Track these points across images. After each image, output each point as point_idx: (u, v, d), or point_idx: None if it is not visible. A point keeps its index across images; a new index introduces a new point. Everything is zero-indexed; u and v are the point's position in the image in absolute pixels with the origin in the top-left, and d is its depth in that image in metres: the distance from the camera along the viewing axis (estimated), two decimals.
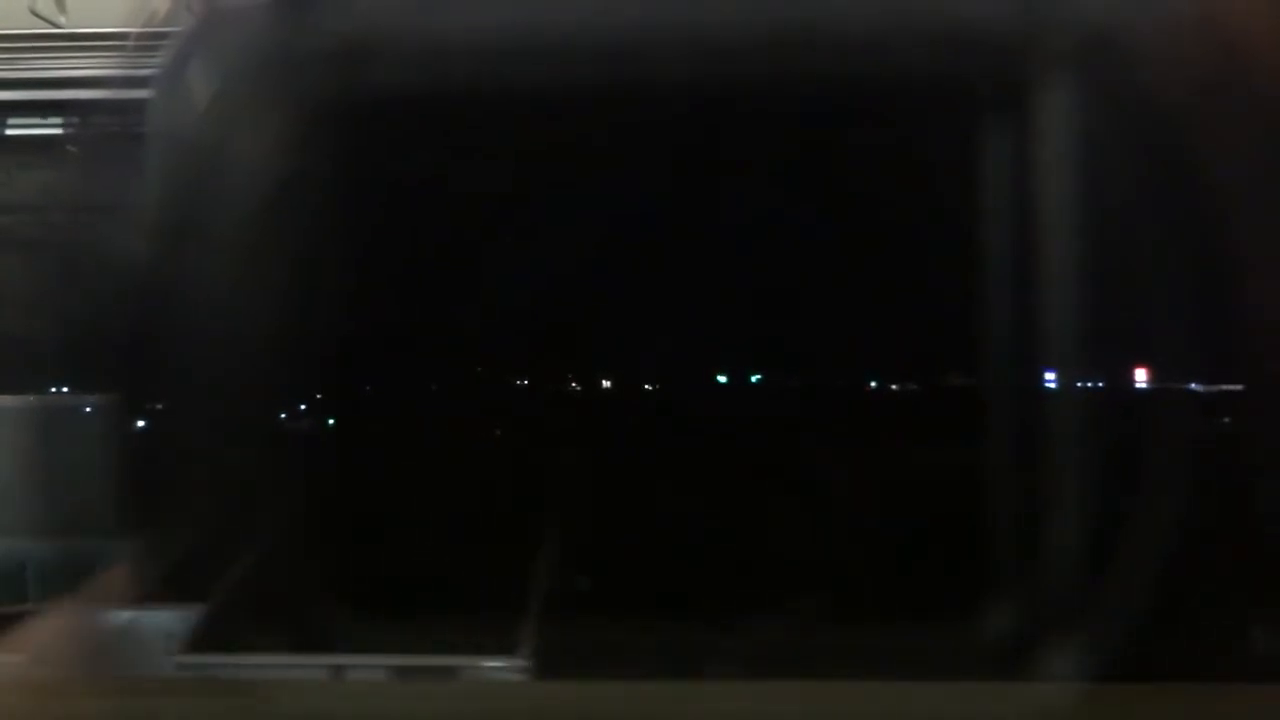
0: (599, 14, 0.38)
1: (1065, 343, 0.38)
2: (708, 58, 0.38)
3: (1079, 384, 0.37)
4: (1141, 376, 0.37)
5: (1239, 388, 0.36)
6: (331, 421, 0.45)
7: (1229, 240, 0.35)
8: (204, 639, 0.38)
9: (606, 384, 0.45)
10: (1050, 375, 0.37)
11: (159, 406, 0.38)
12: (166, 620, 0.40)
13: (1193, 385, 0.36)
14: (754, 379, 0.44)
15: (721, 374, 0.44)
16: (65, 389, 0.41)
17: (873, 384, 0.44)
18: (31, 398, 0.40)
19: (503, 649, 0.40)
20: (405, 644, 0.39)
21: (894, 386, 0.44)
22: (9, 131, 1.41)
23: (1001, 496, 0.40)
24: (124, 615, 0.40)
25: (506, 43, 0.38)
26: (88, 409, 0.39)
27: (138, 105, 0.40)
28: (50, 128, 1.35)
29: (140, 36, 0.43)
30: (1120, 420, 0.37)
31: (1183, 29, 0.36)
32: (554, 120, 0.39)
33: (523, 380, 0.45)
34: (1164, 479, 0.35)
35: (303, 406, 0.43)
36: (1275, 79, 0.38)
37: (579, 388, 0.45)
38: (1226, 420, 0.36)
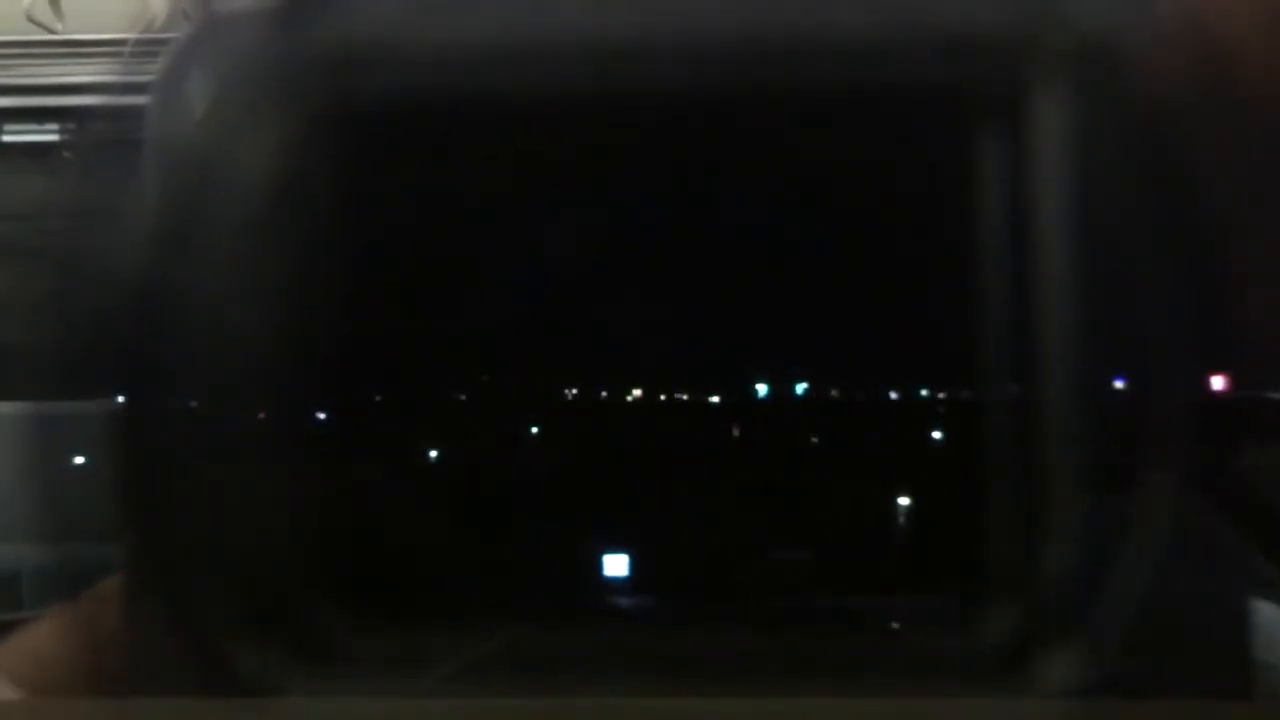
0: (597, 20, 0.38)
1: (1066, 347, 0.38)
2: (706, 63, 0.38)
3: (1078, 389, 0.37)
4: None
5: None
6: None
7: (1232, 243, 0.35)
8: None
9: (637, 393, 0.45)
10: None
11: (155, 412, 0.38)
12: None
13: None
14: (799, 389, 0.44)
15: (762, 383, 0.44)
16: (62, 395, 0.41)
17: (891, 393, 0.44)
18: (28, 404, 0.41)
19: None
20: None
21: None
22: (5, 138, 1.41)
23: (1002, 501, 0.40)
24: None
25: (506, 49, 0.38)
26: (84, 416, 0.39)
27: (135, 112, 0.40)
28: (47, 134, 1.35)
29: (137, 43, 0.43)
30: (1122, 424, 0.37)
31: (1183, 33, 0.36)
32: (560, 126, 0.39)
33: (568, 390, 0.45)
34: (1163, 484, 0.36)
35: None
36: (1274, 82, 0.38)
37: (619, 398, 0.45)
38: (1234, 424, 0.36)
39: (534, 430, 0.44)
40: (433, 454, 0.44)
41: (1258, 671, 0.37)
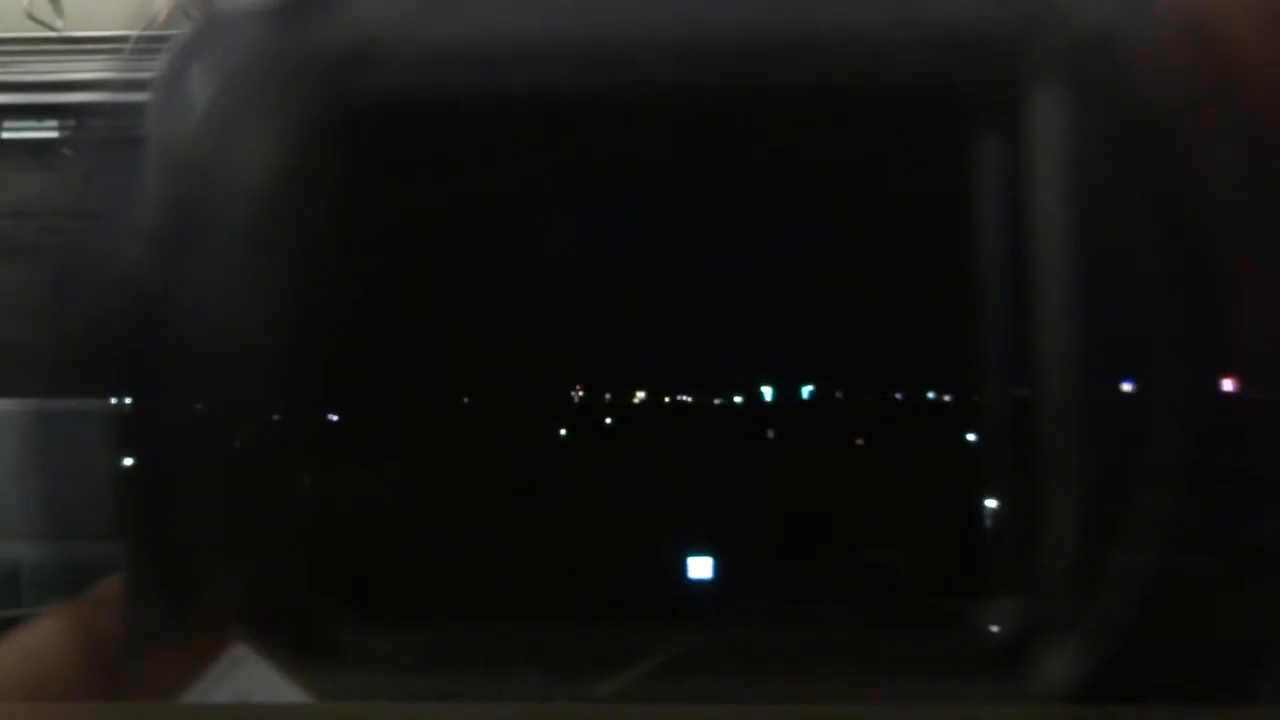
0: (596, 20, 0.38)
1: (1063, 349, 0.38)
2: (707, 63, 0.38)
3: (1079, 389, 0.37)
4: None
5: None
6: None
7: (1230, 245, 0.35)
8: None
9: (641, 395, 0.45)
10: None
11: (157, 410, 0.38)
12: None
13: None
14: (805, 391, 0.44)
15: (767, 386, 0.44)
16: (62, 393, 0.41)
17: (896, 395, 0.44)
18: (28, 402, 0.41)
19: None
20: None
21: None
22: (5, 135, 1.41)
23: (1000, 501, 0.40)
24: None
25: (508, 47, 0.38)
26: (85, 414, 0.39)
27: (135, 109, 0.40)
28: (47, 131, 1.35)
29: (138, 40, 0.43)
30: (1121, 424, 0.37)
31: (1182, 32, 0.36)
32: (561, 125, 0.39)
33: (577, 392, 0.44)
34: (1163, 483, 0.36)
35: None
36: (1272, 84, 0.38)
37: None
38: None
39: (561, 432, 0.44)
40: (444, 455, 0.43)
41: None
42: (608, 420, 0.43)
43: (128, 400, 0.38)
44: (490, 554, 0.41)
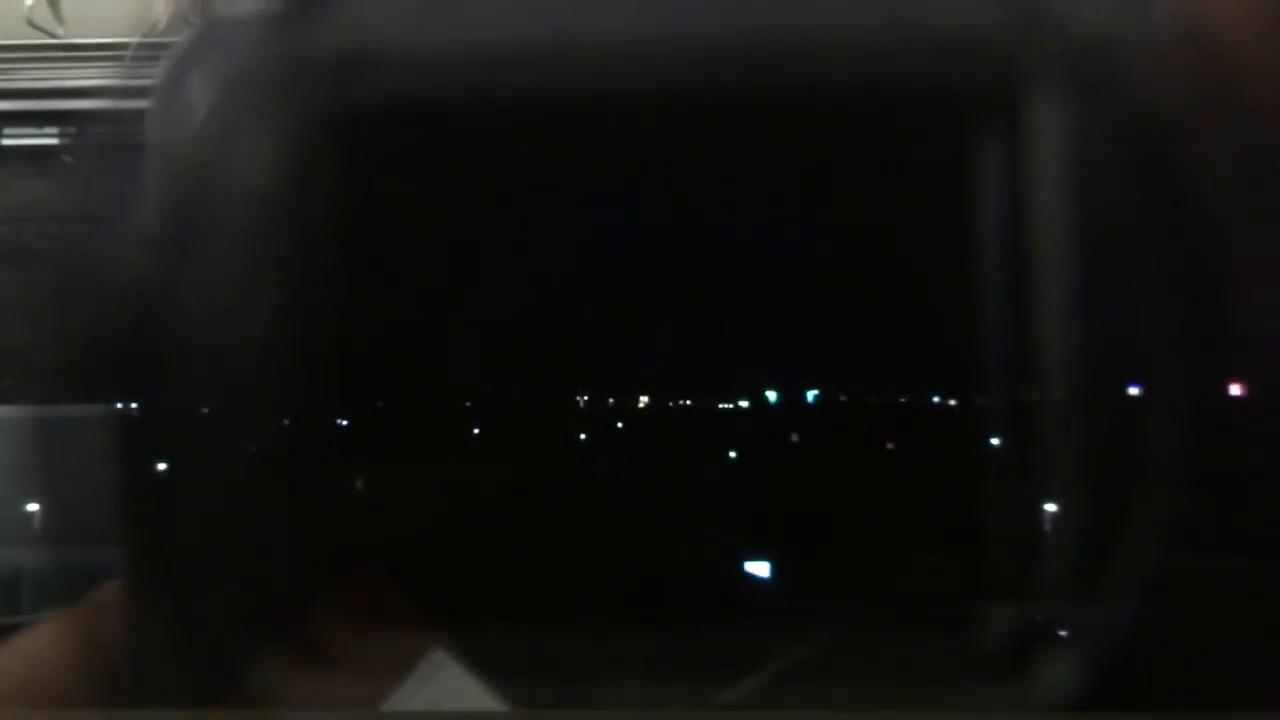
0: (596, 24, 0.38)
1: (1063, 352, 0.38)
2: (707, 66, 0.38)
3: (1080, 391, 0.37)
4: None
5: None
6: None
7: (1230, 245, 0.35)
8: None
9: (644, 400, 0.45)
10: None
11: (158, 416, 0.38)
12: None
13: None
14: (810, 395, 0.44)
15: (771, 390, 0.44)
16: (64, 399, 0.41)
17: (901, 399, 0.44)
18: (30, 408, 0.41)
19: None
20: None
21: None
22: (6, 142, 1.41)
23: (1001, 504, 0.40)
24: None
25: (509, 52, 0.38)
26: (86, 419, 0.39)
27: (136, 116, 0.40)
28: (47, 138, 1.35)
29: (138, 47, 0.43)
30: (1123, 424, 0.37)
31: (1182, 34, 0.36)
32: (563, 129, 0.39)
33: (580, 396, 0.44)
34: (1165, 484, 0.36)
35: None
36: (1272, 85, 0.38)
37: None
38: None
39: (563, 434, 0.44)
40: (447, 459, 0.43)
41: None
42: (611, 423, 0.43)
43: (129, 405, 0.38)
44: (496, 557, 0.41)
